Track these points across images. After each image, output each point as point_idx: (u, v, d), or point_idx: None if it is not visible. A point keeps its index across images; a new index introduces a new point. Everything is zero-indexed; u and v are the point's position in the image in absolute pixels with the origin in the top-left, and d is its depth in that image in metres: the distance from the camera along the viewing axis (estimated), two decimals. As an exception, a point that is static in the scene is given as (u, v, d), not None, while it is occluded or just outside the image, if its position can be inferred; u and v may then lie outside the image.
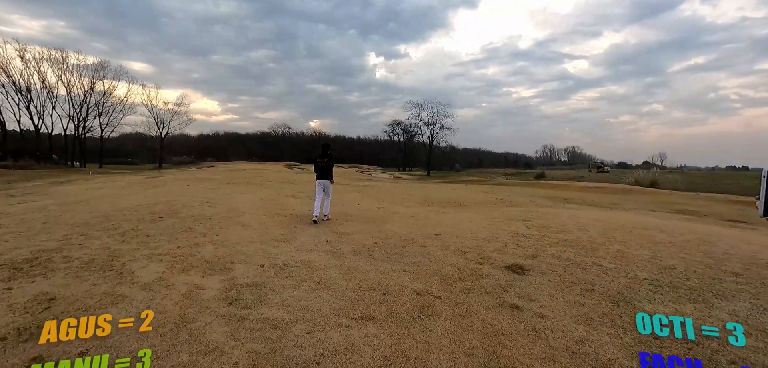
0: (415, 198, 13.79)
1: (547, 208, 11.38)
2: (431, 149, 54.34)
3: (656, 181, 36.94)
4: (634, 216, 9.71)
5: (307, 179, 24.07)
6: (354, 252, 5.31)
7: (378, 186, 20.52)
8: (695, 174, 59.73)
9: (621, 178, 41.67)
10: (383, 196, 13.87)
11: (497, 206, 11.92)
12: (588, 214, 9.55)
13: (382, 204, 11.50)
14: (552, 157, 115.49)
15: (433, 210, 9.96)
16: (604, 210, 12.15)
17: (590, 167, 68.56)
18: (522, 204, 12.80)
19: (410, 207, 10.79)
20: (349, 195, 13.78)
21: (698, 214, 13.51)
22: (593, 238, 6.32)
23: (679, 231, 7.06)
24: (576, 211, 10.71)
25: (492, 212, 9.74)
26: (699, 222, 9.91)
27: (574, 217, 8.63)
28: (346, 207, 10.32)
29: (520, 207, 11.54)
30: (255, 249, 5.35)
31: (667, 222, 8.95)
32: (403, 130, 63.34)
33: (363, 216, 8.59)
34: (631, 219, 8.85)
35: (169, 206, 8.98)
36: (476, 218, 8.49)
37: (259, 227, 6.97)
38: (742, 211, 15.33)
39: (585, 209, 12.26)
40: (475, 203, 12.67)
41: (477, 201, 13.33)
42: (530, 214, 9.10)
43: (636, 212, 12.38)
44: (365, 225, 7.45)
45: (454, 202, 12.57)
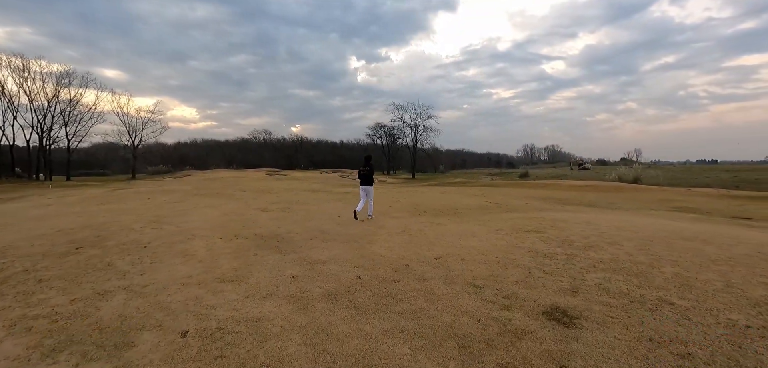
0: (403, 205, 12.30)
1: (552, 213, 10.10)
2: (415, 151, 53.08)
3: (639, 177, 36.80)
4: (655, 221, 8.49)
5: (287, 187, 22.27)
6: (328, 297, 3.74)
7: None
8: (671, 169, 60.75)
9: (603, 174, 41.47)
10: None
11: (495, 212, 10.55)
12: (601, 219, 8.27)
13: (366, 215, 9.95)
14: (533, 156, 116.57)
15: (426, 222, 8.48)
16: (610, 213, 10.96)
17: (571, 165, 68.90)
18: (521, 209, 11.50)
19: (399, 218, 9.28)
20: (329, 206, 12.16)
21: (705, 212, 12.55)
22: (633, 256, 4.96)
23: (724, 242, 5.79)
24: (584, 215, 9.45)
25: (494, 221, 8.33)
26: (724, 225, 8.79)
27: (590, 224, 7.31)
28: (325, 221, 8.71)
29: (521, 213, 10.21)
30: (186, 298, 3.71)
31: (695, 226, 7.74)
32: (386, 133, 61.91)
33: (344, 234, 7.01)
34: (653, 224, 7.60)
35: (101, 230, 7.17)
36: (480, 231, 7.05)
37: (206, 257, 5.31)
38: (742, 207, 14.53)
39: (590, 212, 11.05)
40: (470, 209, 11.28)
41: (471, 206, 11.96)
42: (538, 222, 7.73)
43: (646, 214, 11.26)
44: (346, 248, 5.89)
45: (447, 210, 11.14)
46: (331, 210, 10.98)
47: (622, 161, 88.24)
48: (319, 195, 16.37)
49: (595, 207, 13.56)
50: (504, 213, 10.20)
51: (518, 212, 10.61)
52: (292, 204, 12.31)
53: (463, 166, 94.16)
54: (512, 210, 11.21)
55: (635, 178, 36.60)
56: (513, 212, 10.60)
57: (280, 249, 5.81)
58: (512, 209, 11.40)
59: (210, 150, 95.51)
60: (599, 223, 7.53)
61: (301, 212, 10.36)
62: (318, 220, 8.83)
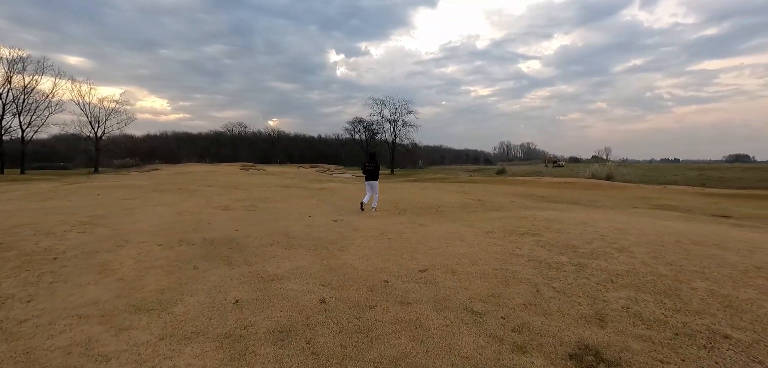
0: (382, 202, 11.34)
1: (540, 212, 9.42)
2: (394, 147, 52.16)
3: (612, 174, 37.54)
4: (652, 222, 7.90)
5: (259, 182, 20.84)
6: (277, 337, 2.71)
7: (339, 188, 17.83)
8: (640, 167, 62.88)
9: (578, 172, 42.12)
10: (343, 203, 11.27)
11: (481, 211, 9.76)
12: (596, 219, 7.61)
13: (340, 214, 8.91)
14: (509, 153, 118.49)
15: (407, 223, 7.54)
16: (599, 211, 10.42)
17: (546, 162, 70.18)
18: (506, 207, 10.78)
19: (377, 218, 8.30)
20: (300, 204, 11.02)
21: (686, 211, 12.30)
22: (651, 266, 4.19)
23: (739, 247, 5.16)
24: (575, 214, 8.80)
25: (481, 222, 7.50)
26: (717, 224, 8.33)
27: (587, 225, 6.59)
28: (292, 222, 7.61)
29: (508, 212, 9.47)
30: (72, 342, 2.59)
31: (693, 227, 7.18)
32: (365, 128, 60.65)
33: (311, 238, 5.96)
34: (653, 226, 6.98)
35: (9, 235, 5.79)
36: (468, 234, 6.17)
37: (130, 273, 4.14)
38: (718, 205, 14.49)
39: (579, 210, 10.46)
40: (453, 207, 10.45)
41: (454, 204, 11.14)
42: (530, 223, 6.96)
43: (633, 212, 10.79)
44: (312, 257, 4.85)
45: (429, 208, 10.26)
46: (301, 208, 9.86)
47: (593, 159, 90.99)
48: (291, 191, 15.15)
49: (579, 204, 13.08)
50: (490, 212, 9.42)
51: (505, 211, 9.86)
52: (259, 202, 11.09)
53: (441, 162, 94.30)
54: (498, 208, 10.46)
55: (608, 176, 37.31)
56: (499, 211, 9.84)
57: (230, 259, 4.70)
58: (497, 207, 10.65)
59: (181, 143, 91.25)
60: (596, 224, 6.83)
61: (266, 211, 9.19)
62: (285, 221, 7.72)
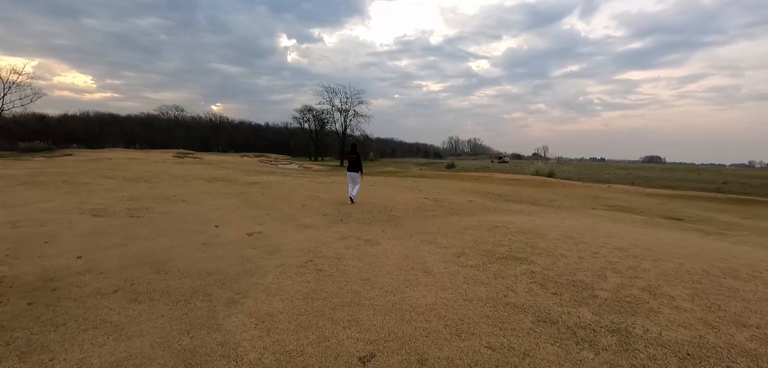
0: (322, 202, 9.24)
1: (506, 215, 8.00)
2: (345, 137, 49.63)
3: (553, 171, 38.87)
4: (641, 232, 6.70)
5: (182, 174, 17.45)
6: None
7: (276, 183, 15.29)
8: (576, 164, 67.15)
9: (523, 167, 43.19)
10: (274, 204, 8.98)
11: (441, 216, 8.08)
12: (573, 227, 6.26)
13: (263, 222, 6.67)
14: (457, 148, 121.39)
15: (350, 238, 5.57)
16: (567, 214, 9.29)
17: (492, 158, 72.33)
18: (467, 210, 9.26)
19: (310, 228, 6.22)
20: (214, 205, 8.53)
21: (640, 212, 11.79)
22: (718, 328, 2.66)
23: (746, 266, 3.91)
24: (548, 220, 7.47)
25: (445, 235, 5.76)
26: (693, 233, 7.43)
27: (575, 241, 5.13)
28: (184, 238, 5.24)
29: (471, 216, 7.91)
30: None
31: (684, 237, 6.07)
32: (314, 117, 57.28)
33: (195, 273, 3.72)
34: (648, 239, 5.72)
35: None
36: (433, 261, 4.34)
37: None
38: (666, 206, 14.45)
39: (546, 214, 9.25)
40: (408, 211, 8.67)
41: (408, 206, 9.38)
42: (507, 238, 5.36)
43: (600, 217, 9.82)
44: (167, 326, 2.66)
45: (380, 211, 8.35)
46: (212, 213, 7.41)
47: (534, 156, 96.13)
48: (213, 186, 12.38)
49: (539, 204, 12.07)
50: (452, 218, 7.77)
51: (468, 215, 8.29)
52: (158, 203, 8.38)
53: (392, 154, 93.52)
54: (459, 211, 8.87)
55: (550, 173, 38.51)
56: (461, 215, 8.25)
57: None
58: (458, 210, 9.06)
59: (106, 126, 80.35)
60: (582, 237, 5.40)
61: (157, 218, 6.64)
62: (173, 236, 5.32)
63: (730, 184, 33.59)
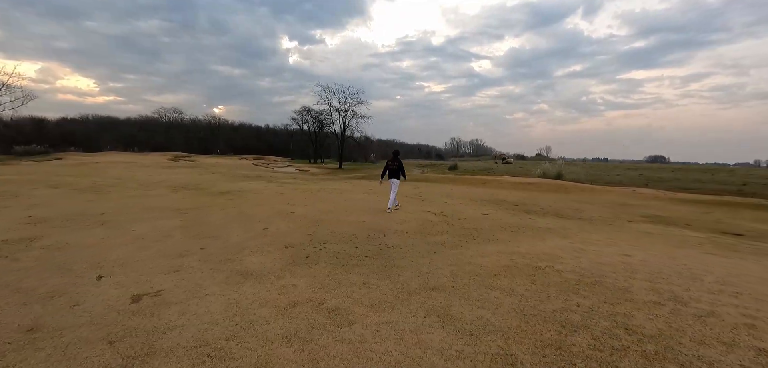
0: (295, 222, 7.09)
1: (542, 241, 5.81)
2: (343, 139, 47.43)
3: (561, 173, 36.51)
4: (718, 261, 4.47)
5: (153, 180, 15.35)
6: None
7: (255, 190, 13.13)
8: (581, 165, 64.61)
9: (528, 169, 40.87)
10: (229, 224, 6.83)
11: (450, 245, 5.89)
12: (658, 267, 4.06)
13: (189, 262, 4.51)
14: (460, 149, 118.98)
15: (310, 300, 3.38)
16: (622, 237, 7.06)
17: (496, 159, 69.92)
18: (484, 230, 7.05)
19: (256, 273, 4.06)
20: (145, 229, 6.38)
21: (686, 225, 9.54)
22: None
23: None
24: (608, 250, 5.26)
25: (463, 291, 3.58)
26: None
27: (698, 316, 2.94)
28: (42, 298, 3.07)
29: (495, 244, 5.73)
30: None
31: None
32: (313, 118, 55.13)
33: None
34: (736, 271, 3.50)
35: None
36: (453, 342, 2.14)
37: None
38: (711, 215, 12.17)
39: (590, 234, 7.02)
40: (407, 234, 6.47)
41: (408, 223, 7.19)
42: (587, 300, 3.18)
43: (658, 238, 7.56)
44: None
45: (370, 237, 6.16)
46: (115, 251, 5.23)
47: (537, 156, 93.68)
48: (171, 199, 10.21)
49: (565, 216, 9.87)
50: (468, 247, 5.57)
51: (490, 241, 6.09)
52: (58, 230, 6.23)
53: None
54: (476, 233, 6.66)
55: (558, 174, 36.18)
56: (481, 241, 6.05)
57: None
58: (475, 231, 6.85)
59: (103, 129, 78.64)
60: (693, 293, 3.18)
61: (21, 261, 4.47)
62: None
63: (749, 185, 31.15)
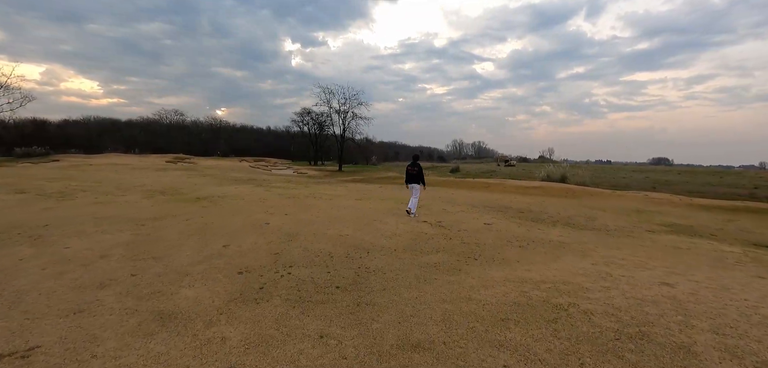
0: (264, 238, 6.00)
1: (565, 260, 4.67)
2: (343, 141, 46.32)
3: (566, 175, 35.21)
4: None
5: (128, 183, 14.34)
6: None
7: (237, 195, 12.07)
8: (586, 167, 63.07)
9: (532, 171, 39.63)
10: (186, 241, 5.76)
11: (448, 263, 4.78)
12: (707, 289, 2.94)
13: (103, 298, 3.42)
14: (461, 151, 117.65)
15: (269, 326, 2.26)
16: (652, 254, 5.91)
17: (498, 161, 68.59)
18: (491, 247, 5.93)
19: (181, 313, 2.95)
20: (84, 245, 5.32)
21: (709, 236, 8.36)
22: None
23: None
24: (642, 274, 4.13)
25: (464, 334, 2.45)
26: None
27: None
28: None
29: (507, 268, 4.61)
30: None
31: None
32: (313, 120, 54.10)
33: None
34: None
35: None
36: None
37: None
38: (735, 224, 10.96)
39: (608, 250, 5.87)
40: (396, 252, 5.37)
41: (398, 237, 6.09)
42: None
43: (685, 252, 6.40)
44: None
45: (349, 255, 5.06)
46: (14, 282, 4.16)
47: (540, 159, 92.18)
48: (140, 207, 9.17)
49: (578, 226, 8.74)
50: (469, 272, 4.45)
51: (495, 263, 4.96)
52: None
53: (395, 158, 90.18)
54: (479, 250, 5.54)
55: (563, 177, 34.89)
56: (485, 262, 4.92)
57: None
58: (477, 247, 5.72)
59: (105, 131, 78.15)
60: None
61: None
62: None
63: (761, 188, 29.85)
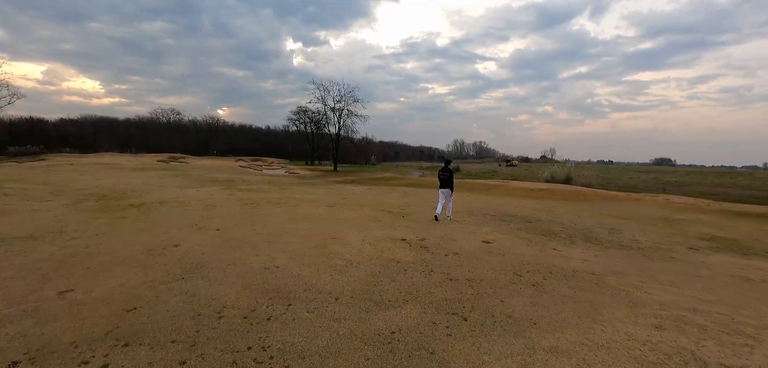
0: (182, 258, 4.01)
1: (597, 318, 2.67)
2: (338, 139, 44.18)
3: (570, 176, 33.07)
4: None
5: (98, 184, 12.37)
6: None
7: (208, 198, 10.07)
8: (592, 167, 60.80)
9: (534, 171, 37.51)
10: (111, 245, 3.71)
11: (418, 329, 2.71)
12: None
13: None
14: (463, 151, 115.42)
15: None
16: (733, 307, 3.84)
17: (500, 161, 66.49)
18: (482, 275, 3.91)
19: None
20: None
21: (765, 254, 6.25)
22: None
23: None
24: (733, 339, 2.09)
25: None
26: None
27: None
28: None
29: (517, 340, 2.54)
30: None
31: None
32: (309, 119, 51.99)
33: None
34: None
35: None
36: None
37: None
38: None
39: (651, 283, 3.79)
40: (343, 301, 3.33)
41: (360, 266, 4.09)
42: None
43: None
44: None
45: (264, 299, 3.01)
46: None
47: (542, 159, 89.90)
48: (67, 212, 7.19)
49: (604, 243, 6.68)
50: (455, 351, 2.38)
51: (499, 332, 2.89)
52: None
53: (395, 158, 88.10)
54: (469, 303, 3.50)
55: (567, 177, 32.75)
56: (477, 328, 2.85)
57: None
58: (468, 289, 3.67)
59: (101, 130, 76.58)
60: None
61: None
62: None
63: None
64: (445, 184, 8.58)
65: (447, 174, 8.61)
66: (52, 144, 63.09)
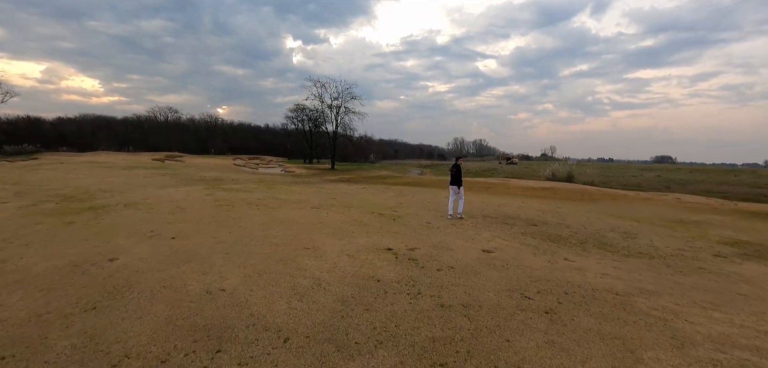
0: (125, 267, 3.14)
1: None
2: (335, 137, 43.24)
3: (572, 174, 32.18)
4: None
5: (71, 185, 11.50)
6: None
7: (183, 200, 9.21)
8: (594, 165, 59.77)
9: (536, 170, 36.63)
10: (66, 252, 2.80)
11: None
12: None
13: None
14: (462, 149, 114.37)
15: None
16: None
17: (500, 159, 65.60)
18: (479, 299, 3.05)
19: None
20: None
21: None
22: None
23: None
24: None
25: None
26: None
27: None
28: None
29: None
30: None
31: None
32: (307, 117, 51.02)
33: None
34: None
35: None
36: None
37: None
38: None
39: (691, 307, 2.89)
40: (285, 345, 2.44)
41: (320, 299, 3.21)
42: None
43: None
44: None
45: (186, 342, 2.14)
46: None
47: (542, 157, 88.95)
48: (22, 215, 6.34)
49: (620, 251, 5.81)
50: None
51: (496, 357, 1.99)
52: None
53: (395, 156, 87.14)
54: (463, 341, 2.60)
55: (569, 175, 31.86)
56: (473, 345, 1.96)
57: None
58: (462, 321, 2.78)
59: (99, 129, 75.80)
60: None
61: None
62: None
63: (784, 188, 26.74)
64: (455, 181, 8.45)
65: (455, 170, 8.52)
66: (50, 143, 62.33)
